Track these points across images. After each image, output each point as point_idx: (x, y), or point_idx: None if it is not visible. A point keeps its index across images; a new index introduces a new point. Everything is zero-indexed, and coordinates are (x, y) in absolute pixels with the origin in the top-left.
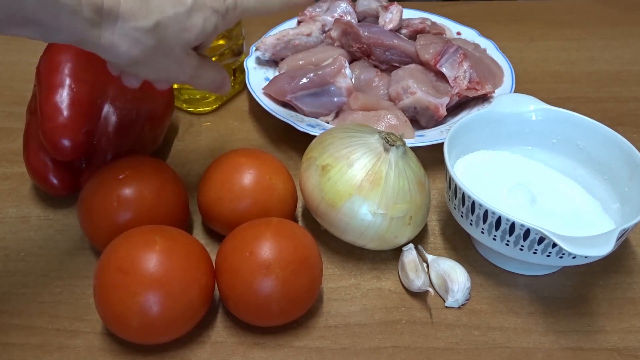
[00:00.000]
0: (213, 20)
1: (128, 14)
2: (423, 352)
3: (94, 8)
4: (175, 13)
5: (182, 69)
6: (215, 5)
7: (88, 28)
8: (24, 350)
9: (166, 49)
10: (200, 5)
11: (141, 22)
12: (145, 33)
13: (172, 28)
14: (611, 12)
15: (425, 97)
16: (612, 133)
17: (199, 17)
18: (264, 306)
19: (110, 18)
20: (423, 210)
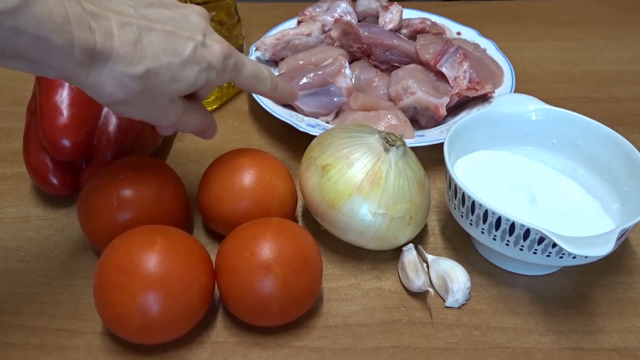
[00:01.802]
0: (206, 75)
1: (119, 58)
2: (423, 352)
3: (85, 49)
4: (169, 63)
5: (165, 115)
6: (213, 60)
7: (77, 67)
8: (24, 350)
9: (152, 96)
10: (197, 59)
11: (131, 68)
12: (133, 78)
13: (162, 77)
14: (611, 12)
15: (425, 97)
16: (612, 133)
17: (192, 70)
18: (264, 306)
19: (100, 60)
20: (423, 210)
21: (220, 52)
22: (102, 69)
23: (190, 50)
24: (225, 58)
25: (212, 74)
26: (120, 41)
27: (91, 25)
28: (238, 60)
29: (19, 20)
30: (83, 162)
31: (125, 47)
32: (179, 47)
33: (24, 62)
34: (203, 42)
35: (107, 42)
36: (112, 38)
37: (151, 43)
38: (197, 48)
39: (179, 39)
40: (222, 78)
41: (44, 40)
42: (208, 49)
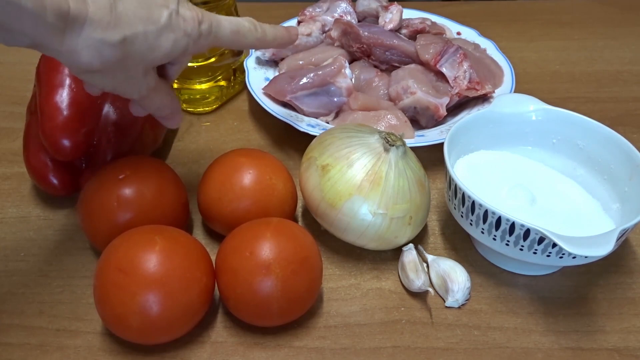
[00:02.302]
0: (183, 43)
1: (95, 24)
2: (423, 352)
3: (58, 13)
4: (145, 30)
5: (137, 88)
6: (188, 28)
7: (50, 33)
8: (24, 350)
9: (128, 65)
10: (173, 27)
11: (108, 35)
12: (110, 46)
13: (139, 45)
14: (611, 12)
15: (425, 97)
16: (612, 133)
17: (169, 38)
18: (264, 306)
19: (75, 25)
20: (423, 210)
21: (192, 19)
22: (78, 35)
23: (165, 17)
24: (198, 24)
25: (189, 42)
26: (94, 6)
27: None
28: (212, 23)
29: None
30: (83, 162)
31: (100, 13)
32: (155, 14)
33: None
34: (177, 9)
35: (81, 6)
36: (86, 2)
37: (126, 9)
38: (172, 15)
39: (154, 6)
40: (199, 45)
41: (13, 3)
42: (182, 16)
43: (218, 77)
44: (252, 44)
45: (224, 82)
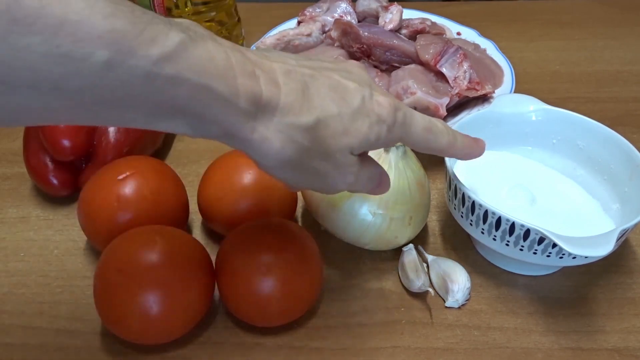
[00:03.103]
0: (377, 129)
1: (287, 108)
2: (423, 352)
3: (252, 98)
4: (339, 112)
5: (342, 176)
6: (384, 113)
7: (242, 120)
8: (24, 351)
9: (324, 152)
10: (367, 110)
11: (301, 118)
12: (303, 131)
13: (334, 129)
14: (611, 12)
15: (425, 97)
16: (612, 133)
17: (364, 122)
18: (264, 306)
19: (267, 110)
20: (423, 211)
21: (389, 105)
22: (269, 121)
23: (359, 100)
24: (395, 110)
25: (383, 129)
26: (286, 89)
27: (255, 72)
28: (407, 113)
29: (178, 66)
30: (83, 162)
31: (292, 96)
32: (348, 96)
33: (184, 118)
34: (371, 93)
35: (274, 89)
36: (278, 86)
37: (318, 91)
38: (365, 99)
39: (347, 89)
40: (393, 134)
41: (206, 89)
42: (376, 101)
43: None
44: (443, 147)
45: None
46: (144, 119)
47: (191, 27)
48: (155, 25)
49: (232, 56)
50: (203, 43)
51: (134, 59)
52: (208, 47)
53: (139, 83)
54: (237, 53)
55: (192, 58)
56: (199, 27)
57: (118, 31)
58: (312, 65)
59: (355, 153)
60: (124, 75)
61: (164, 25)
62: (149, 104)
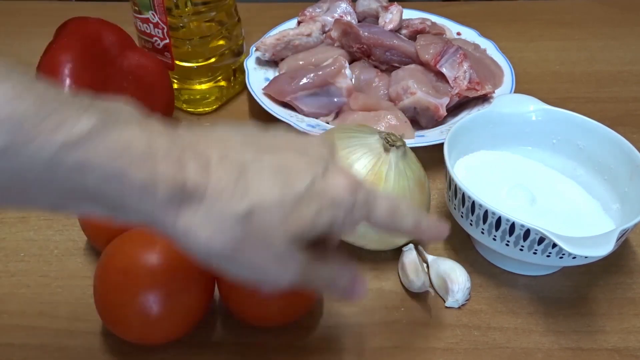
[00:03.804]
0: (329, 214)
1: (217, 194)
2: (423, 352)
3: (173, 186)
4: (280, 198)
5: (283, 269)
6: (338, 197)
7: (161, 209)
8: (24, 351)
9: (260, 243)
10: (317, 193)
11: (232, 206)
12: (234, 219)
13: (272, 217)
14: (611, 12)
15: (425, 98)
16: (612, 133)
17: (310, 207)
18: (264, 306)
19: (194, 198)
20: (423, 211)
21: (347, 186)
22: (196, 210)
23: (307, 182)
24: (354, 191)
25: (339, 212)
26: (218, 174)
27: (182, 157)
28: (369, 195)
29: (85, 153)
30: None
31: (224, 180)
32: (293, 178)
33: (97, 204)
34: (324, 174)
35: (202, 175)
36: (209, 171)
37: (258, 175)
38: (315, 181)
39: (294, 170)
40: (353, 217)
41: (118, 177)
42: (331, 183)
43: (218, 77)
44: (407, 229)
45: (224, 82)
46: (51, 203)
47: (116, 110)
48: (66, 109)
49: (155, 142)
50: (122, 128)
51: (34, 145)
52: (127, 133)
53: (41, 170)
54: (164, 138)
55: (103, 144)
56: (128, 109)
57: (18, 116)
58: (261, 143)
59: (299, 243)
60: (24, 161)
61: (76, 109)
62: (55, 190)
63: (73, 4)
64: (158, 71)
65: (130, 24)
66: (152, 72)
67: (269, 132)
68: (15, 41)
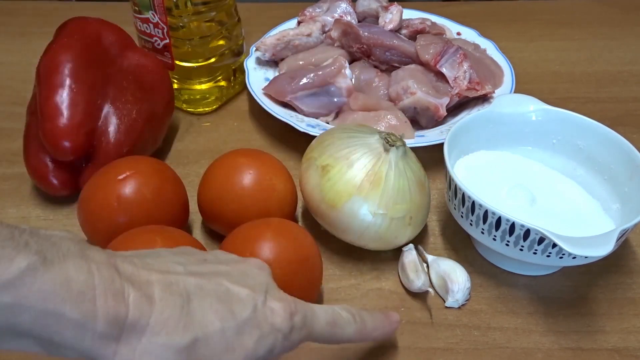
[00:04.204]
0: (270, 341)
1: (159, 327)
2: (423, 352)
3: (113, 320)
4: (222, 328)
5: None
6: (277, 321)
7: (100, 344)
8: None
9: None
10: (257, 321)
11: (175, 338)
12: (176, 352)
13: (214, 347)
14: (611, 12)
15: (425, 98)
16: (612, 133)
17: (251, 335)
18: None
19: (134, 331)
20: (423, 211)
21: (283, 311)
22: (136, 343)
23: (249, 310)
24: (291, 316)
25: (278, 338)
26: (162, 305)
27: (124, 290)
28: (307, 314)
29: (18, 294)
30: (83, 162)
31: (167, 312)
32: (236, 307)
33: (32, 341)
34: (264, 301)
35: (144, 308)
36: (152, 302)
37: (201, 305)
38: (257, 308)
39: (236, 299)
40: (291, 340)
41: (54, 315)
42: (270, 308)
43: (218, 77)
44: (351, 337)
45: (224, 82)
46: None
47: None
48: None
49: (96, 275)
50: (61, 265)
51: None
52: (65, 269)
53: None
54: (104, 270)
55: (39, 284)
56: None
57: None
58: (203, 270)
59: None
60: None
61: (13, 248)
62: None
63: (73, 4)
64: (158, 71)
65: (130, 24)
66: (152, 72)
67: (209, 256)
68: (16, 41)
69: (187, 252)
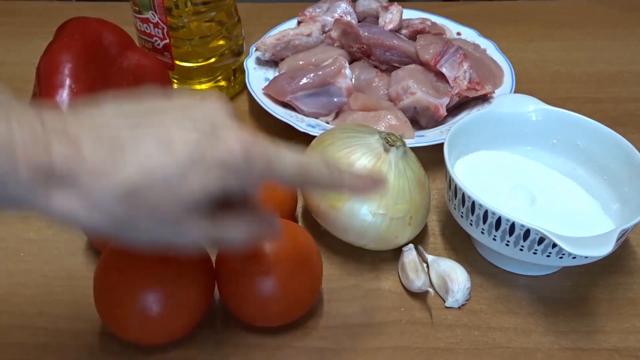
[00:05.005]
0: (220, 181)
1: (92, 173)
2: (423, 352)
3: (36, 168)
4: (163, 172)
5: (183, 236)
6: (230, 161)
7: (30, 192)
8: (24, 351)
9: (149, 217)
10: (204, 160)
11: (109, 184)
12: (114, 198)
13: (156, 191)
14: (611, 12)
15: (425, 98)
16: (612, 133)
17: (197, 173)
18: (264, 306)
19: (65, 179)
20: (423, 211)
21: (240, 146)
22: (71, 189)
23: (190, 148)
24: (246, 156)
25: (230, 179)
26: (91, 153)
27: (47, 140)
28: (270, 155)
29: None
30: None
31: (100, 158)
32: (178, 148)
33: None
34: (211, 135)
35: (72, 155)
36: (80, 150)
37: (137, 148)
38: (202, 146)
39: (175, 138)
40: (250, 178)
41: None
42: (220, 144)
43: (218, 77)
44: (325, 184)
45: (224, 82)
46: None
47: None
48: None
49: (16, 126)
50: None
51: None
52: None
53: None
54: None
55: None
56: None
57: None
58: (139, 114)
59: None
60: None
61: None
62: None
63: (73, 4)
64: (158, 71)
65: (130, 24)
66: (152, 72)
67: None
68: (16, 41)
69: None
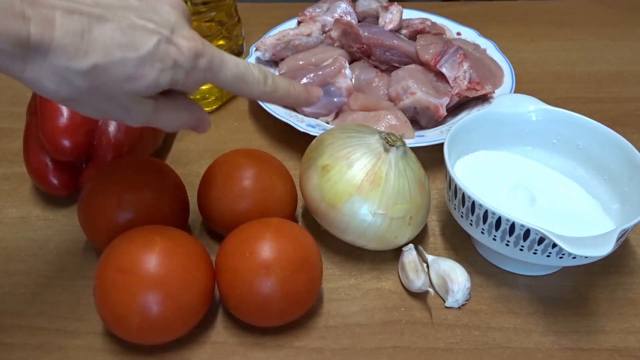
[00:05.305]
0: (170, 75)
1: (61, 50)
2: (423, 352)
3: (15, 40)
4: (123, 58)
5: (129, 115)
6: (180, 59)
7: (9, 61)
8: (24, 351)
9: (105, 94)
10: (160, 55)
11: (75, 62)
12: (78, 74)
13: (114, 74)
14: (611, 12)
15: (426, 98)
16: (612, 133)
17: (153, 67)
18: (264, 306)
19: (38, 52)
20: (423, 211)
21: (189, 49)
22: (41, 62)
23: (152, 45)
24: (195, 56)
25: (179, 74)
26: (63, 30)
27: (25, 13)
28: (214, 59)
29: None
30: (83, 162)
31: (68, 38)
32: (138, 41)
33: None
34: (169, 37)
35: (45, 32)
36: (53, 27)
37: (103, 34)
38: (160, 43)
39: (140, 32)
40: (193, 79)
41: None
42: (175, 45)
43: None
44: (256, 95)
45: None
46: None
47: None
48: None
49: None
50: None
51: None
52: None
53: None
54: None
55: None
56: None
57: None
58: (108, 3)
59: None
60: None
61: None
62: None
63: None
64: None
65: None
66: None
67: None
68: None
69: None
